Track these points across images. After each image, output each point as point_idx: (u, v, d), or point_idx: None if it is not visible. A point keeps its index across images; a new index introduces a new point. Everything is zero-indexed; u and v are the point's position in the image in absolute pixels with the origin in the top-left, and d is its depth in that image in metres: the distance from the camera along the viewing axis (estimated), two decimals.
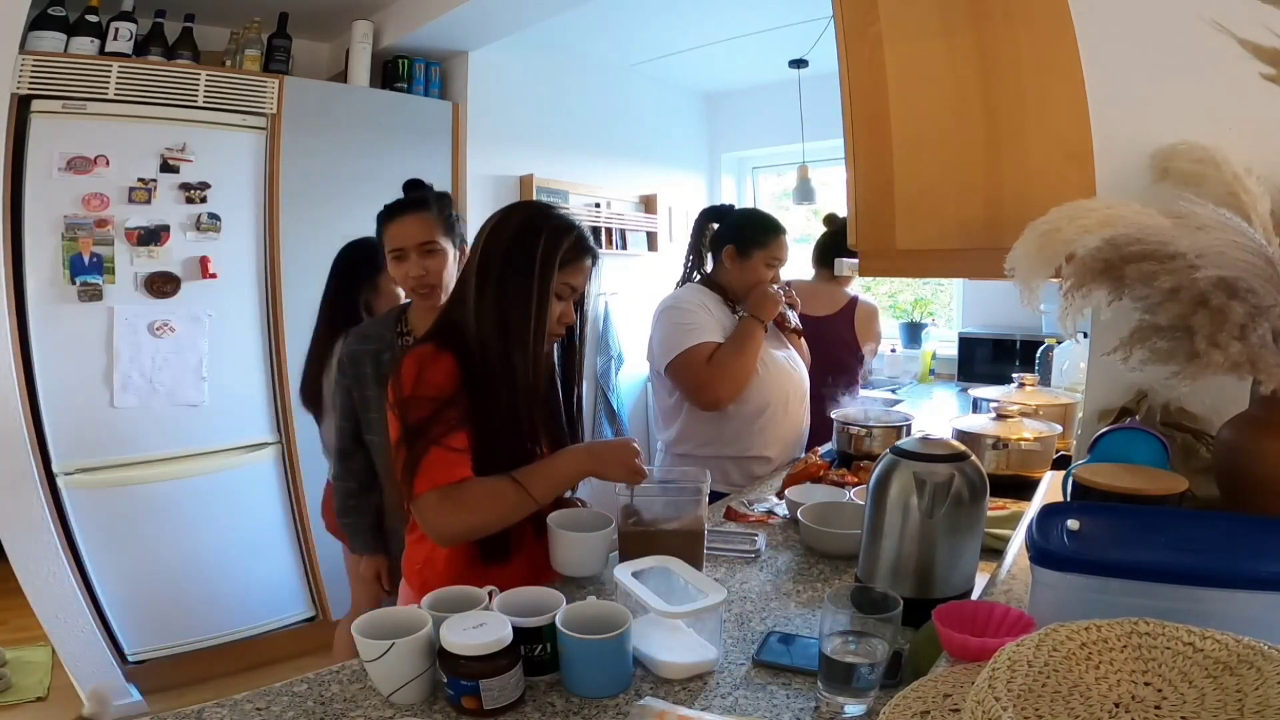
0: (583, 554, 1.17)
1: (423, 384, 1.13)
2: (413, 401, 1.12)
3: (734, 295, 1.97)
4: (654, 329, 1.93)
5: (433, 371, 1.14)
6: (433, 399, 1.12)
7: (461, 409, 1.13)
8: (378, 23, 2.90)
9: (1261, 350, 0.70)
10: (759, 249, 1.93)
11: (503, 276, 1.19)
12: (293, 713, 0.86)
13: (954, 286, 3.90)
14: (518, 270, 1.18)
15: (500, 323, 1.17)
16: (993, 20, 1.12)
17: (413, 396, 1.12)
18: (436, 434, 1.10)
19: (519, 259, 1.18)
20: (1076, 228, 0.84)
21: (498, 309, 1.18)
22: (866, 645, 0.83)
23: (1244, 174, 0.84)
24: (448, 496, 1.10)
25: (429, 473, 1.09)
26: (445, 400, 1.12)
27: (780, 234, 1.96)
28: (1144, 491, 0.84)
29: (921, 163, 1.22)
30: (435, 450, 1.10)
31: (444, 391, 1.13)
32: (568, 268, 1.21)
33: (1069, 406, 1.88)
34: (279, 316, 2.65)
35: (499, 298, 1.18)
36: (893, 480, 1.04)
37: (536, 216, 1.23)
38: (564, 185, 3.49)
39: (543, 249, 1.18)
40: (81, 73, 2.24)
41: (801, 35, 3.22)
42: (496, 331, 1.17)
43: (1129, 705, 0.46)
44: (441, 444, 1.10)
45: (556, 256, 1.19)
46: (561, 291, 1.21)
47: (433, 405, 1.12)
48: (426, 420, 1.11)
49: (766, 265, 1.93)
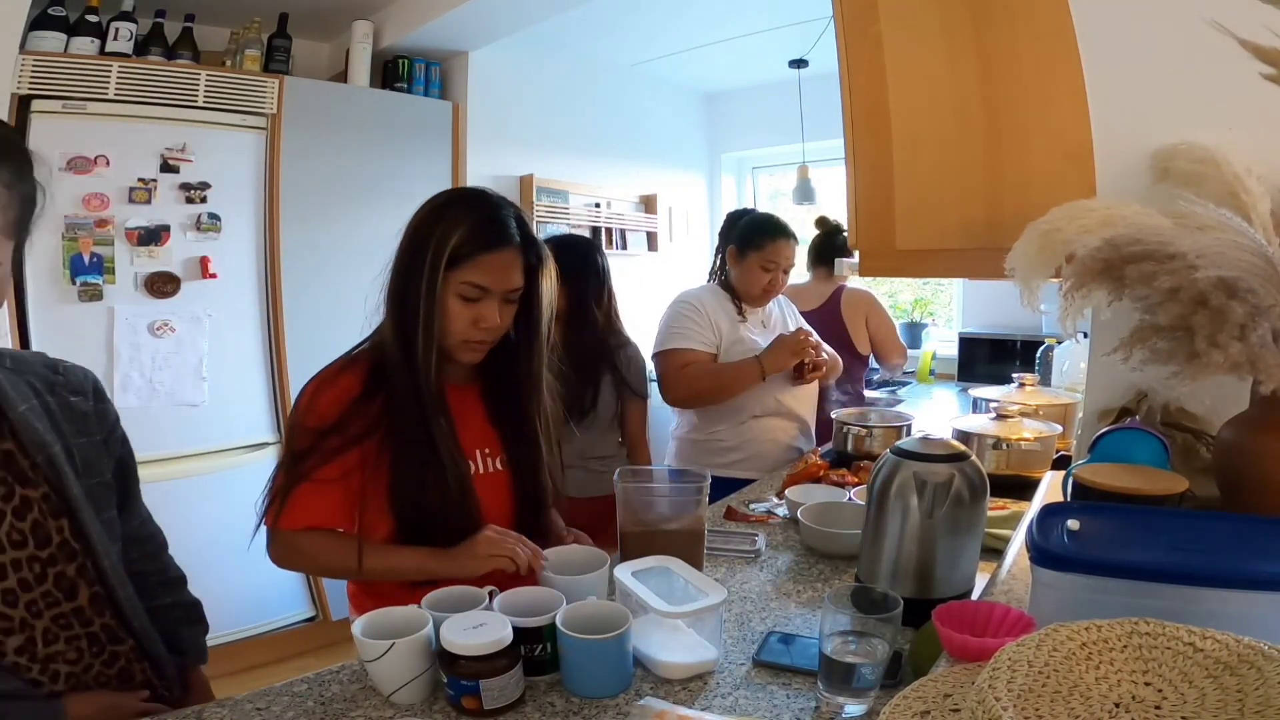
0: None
1: (311, 412, 1.09)
2: (298, 430, 1.09)
3: (741, 296, 2.01)
4: (662, 317, 2.01)
5: (325, 396, 1.09)
6: (314, 429, 1.07)
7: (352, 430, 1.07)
8: (378, 23, 2.90)
9: (1261, 350, 0.70)
10: (754, 250, 1.96)
11: (396, 274, 1.11)
12: (293, 713, 0.86)
13: (954, 286, 3.90)
14: (409, 270, 1.09)
15: (397, 330, 1.10)
16: (993, 20, 1.12)
17: (298, 425, 1.09)
18: (308, 468, 1.06)
19: (411, 257, 1.09)
20: (1076, 228, 0.84)
21: (394, 311, 1.10)
22: (866, 645, 0.83)
23: (1244, 174, 0.84)
24: (293, 539, 1.09)
25: (292, 510, 1.07)
26: (327, 430, 1.07)
27: (776, 237, 1.96)
28: (1144, 491, 0.84)
29: (921, 163, 1.22)
30: (304, 485, 1.06)
31: (326, 420, 1.07)
32: (463, 265, 1.07)
33: (1069, 406, 1.88)
34: (279, 316, 2.65)
35: (393, 298, 1.11)
36: (893, 480, 1.04)
37: (443, 206, 1.12)
38: (564, 185, 3.49)
39: (434, 245, 1.07)
40: (82, 73, 2.24)
41: (801, 35, 3.22)
42: (395, 335, 1.10)
43: (1129, 705, 0.46)
44: (312, 478, 1.06)
45: (444, 254, 1.06)
46: (464, 292, 1.08)
47: (312, 437, 1.07)
48: (304, 453, 1.07)
49: (762, 268, 1.96)
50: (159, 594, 1.02)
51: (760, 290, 1.98)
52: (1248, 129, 0.91)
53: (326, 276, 2.74)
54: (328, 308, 2.72)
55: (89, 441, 0.91)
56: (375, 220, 2.86)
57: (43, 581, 0.83)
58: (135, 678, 0.92)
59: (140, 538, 1.04)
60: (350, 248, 2.80)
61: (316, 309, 2.71)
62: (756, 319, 2.04)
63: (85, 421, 0.91)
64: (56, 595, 0.84)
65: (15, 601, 0.81)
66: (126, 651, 0.91)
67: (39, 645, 0.83)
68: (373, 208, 2.87)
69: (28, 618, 0.82)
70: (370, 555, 1.08)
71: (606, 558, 1.09)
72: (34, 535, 0.83)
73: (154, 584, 1.03)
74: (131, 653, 0.92)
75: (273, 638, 2.67)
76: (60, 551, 0.85)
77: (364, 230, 2.83)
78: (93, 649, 0.88)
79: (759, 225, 2.01)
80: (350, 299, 3.25)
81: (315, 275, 2.72)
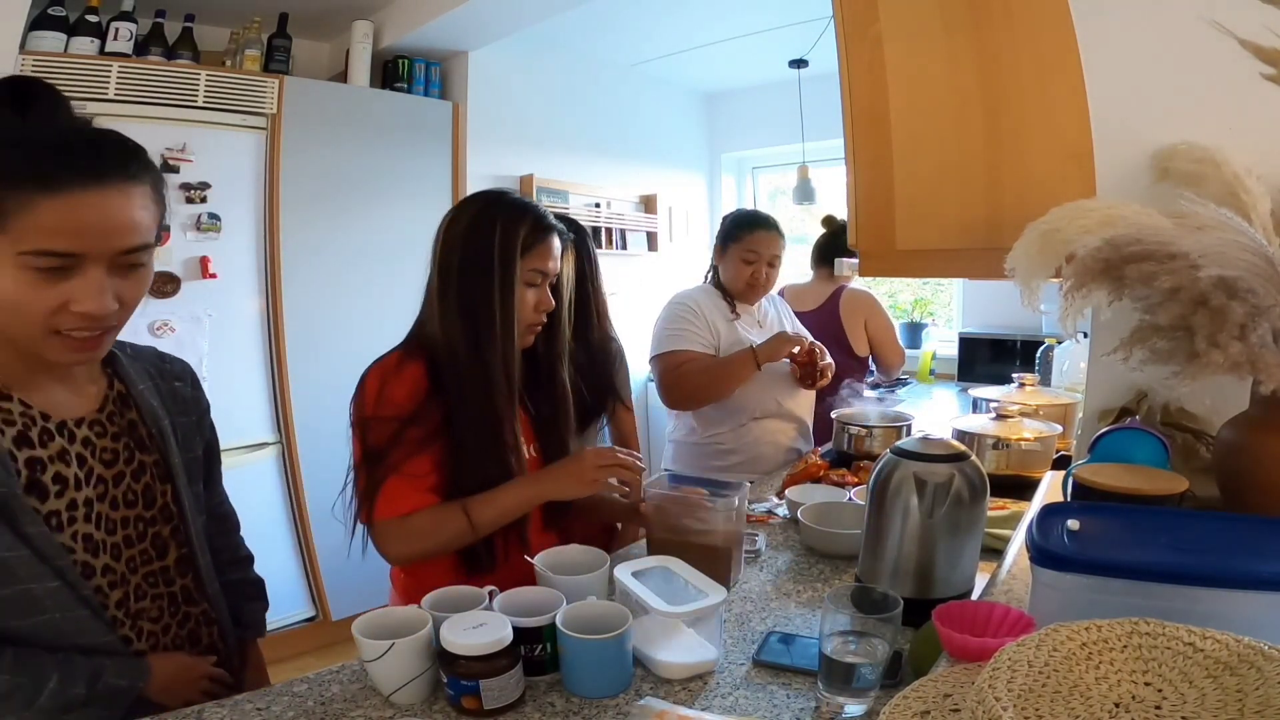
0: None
1: (384, 402, 1.10)
2: (374, 422, 1.10)
3: (730, 291, 2.00)
4: (657, 319, 1.99)
5: (395, 387, 1.11)
6: (393, 419, 1.09)
7: (429, 423, 1.10)
8: (378, 23, 2.90)
9: (1261, 350, 0.70)
10: (734, 243, 1.95)
11: (463, 277, 1.14)
12: (293, 713, 0.86)
13: (954, 286, 3.90)
14: (477, 268, 1.13)
15: (468, 326, 1.13)
16: (993, 20, 1.12)
17: (374, 417, 1.10)
18: (396, 460, 1.09)
19: (476, 256, 1.14)
20: (1076, 228, 0.84)
21: (462, 312, 1.13)
22: (866, 645, 0.83)
23: (1244, 174, 0.84)
24: (401, 525, 1.10)
25: (386, 501, 1.09)
26: (406, 419, 1.09)
27: (754, 228, 1.95)
28: (1144, 491, 0.84)
29: (921, 163, 1.22)
30: (393, 479, 1.09)
31: (404, 410, 1.10)
32: (530, 253, 1.16)
33: (1069, 406, 1.88)
34: (279, 316, 2.65)
35: (462, 300, 1.14)
36: (893, 480, 1.04)
37: (490, 206, 1.17)
38: (564, 185, 3.49)
39: (499, 241, 1.13)
40: (81, 73, 2.24)
41: (801, 35, 3.22)
42: (465, 336, 1.13)
43: (1129, 705, 0.46)
44: (400, 471, 1.09)
45: (516, 245, 1.14)
46: (531, 279, 1.17)
47: (393, 427, 1.09)
48: (386, 444, 1.09)
49: (743, 260, 1.94)
50: (228, 569, 1.09)
51: (745, 284, 1.95)
52: (1248, 129, 0.91)
53: (326, 276, 2.74)
54: (328, 308, 2.73)
55: (187, 421, 1.01)
56: (375, 220, 2.87)
57: (142, 540, 0.92)
58: (201, 640, 0.99)
59: (218, 515, 1.12)
60: (350, 248, 2.80)
61: (316, 309, 2.71)
62: (752, 318, 2.02)
63: (184, 404, 1.02)
64: (150, 554, 0.93)
65: (119, 556, 0.89)
66: (198, 614, 0.98)
67: (131, 601, 0.89)
68: (373, 208, 2.87)
69: (126, 573, 0.89)
70: (475, 509, 1.11)
71: (606, 558, 1.09)
72: (144, 496, 0.92)
73: (225, 559, 1.09)
74: (202, 616, 0.99)
75: (273, 637, 2.65)
76: (161, 514, 0.94)
77: (364, 230, 2.84)
78: (171, 608, 0.95)
79: (737, 219, 2.02)
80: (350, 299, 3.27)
81: (315, 275, 2.72)
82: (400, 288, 2.98)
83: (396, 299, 2.96)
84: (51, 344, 0.77)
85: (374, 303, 2.82)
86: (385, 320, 2.99)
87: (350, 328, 2.76)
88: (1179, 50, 0.99)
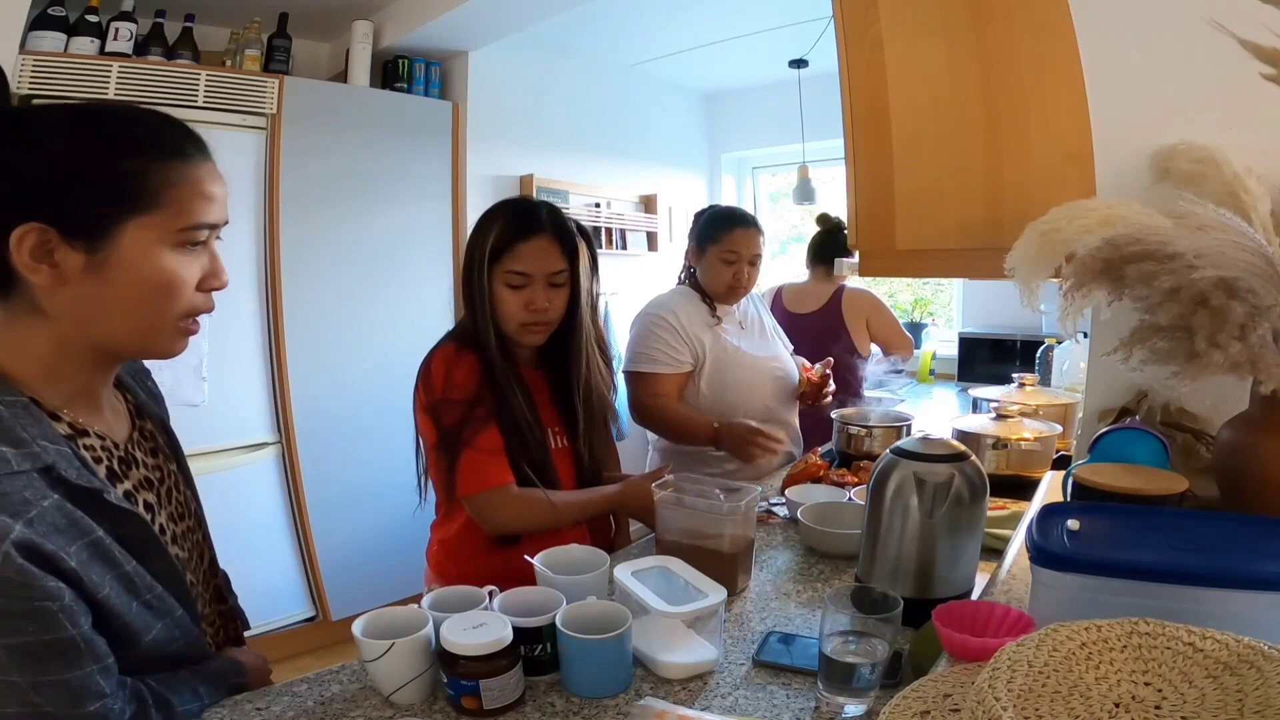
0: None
1: (451, 385, 1.19)
2: (445, 404, 1.19)
3: (709, 293, 1.93)
4: (630, 329, 1.93)
5: (458, 371, 1.20)
6: (461, 401, 1.18)
7: (488, 404, 1.20)
8: (378, 23, 2.90)
9: (1261, 350, 0.70)
10: (712, 244, 1.88)
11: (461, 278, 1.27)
12: (292, 713, 0.86)
13: (954, 286, 3.90)
14: (468, 270, 1.25)
15: (470, 322, 1.25)
16: (993, 20, 1.12)
17: (444, 400, 1.19)
18: (468, 436, 1.18)
19: (468, 260, 1.25)
20: (1076, 228, 0.84)
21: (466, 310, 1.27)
22: (866, 645, 0.83)
23: (1244, 174, 0.84)
24: (487, 500, 1.21)
25: (468, 475, 1.18)
26: (472, 401, 1.19)
27: (733, 227, 1.86)
28: (1144, 491, 0.84)
29: (921, 163, 1.22)
30: (468, 453, 1.18)
31: (469, 392, 1.19)
32: (505, 255, 1.22)
33: (1069, 406, 1.88)
34: (279, 316, 2.65)
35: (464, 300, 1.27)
36: (892, 480, 1.04)
37: (484, 215, 1.27)
38: (564, 185, 3.49)
39: (471, 245, 1.24)
40: (81, 73, 2.24)
41: (801, 35, 3.22)
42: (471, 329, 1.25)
43: (1129, 705, 0.46)
44: (474, 446, 1.18)
45: (485, 249, 1.22)
46: (510, 280, 1.22)
47: (462, 408, 1.18)
48: (459, 423, 1.18)
49: (723, 261, 1.86)
50: None
51: (726, 286, 1.87)
52: (1248, 129, 0.91)
53: (326, 276, 2.74)
54: (328, 308, 2.73)
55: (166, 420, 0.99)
56: (376, 220, 2.87)
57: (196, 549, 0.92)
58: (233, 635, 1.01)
59: None
60: (350, 247, 2.80)
61: (316, 309, 2.70)
62: (732, 320, 1.95)
63: (161, 403, 1.00)
64: (198, 561, 0.93)
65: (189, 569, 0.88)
66: (227, 611, 1.00)
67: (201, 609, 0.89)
68: (373, 208, 2.87)
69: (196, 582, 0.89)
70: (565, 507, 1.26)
71: (607, 558, 1.09)
72: (186, 507, 0.92)
73: None
74: (229, 612, 1.01)
75: (273, 637, 2.67)
76: (195, 521, 0.94)
77: (364, 230, 2.84)
78: (217, 608, 0.97)
79: (715, 217, 1.93)
80: (350, 298, 3.27)
81: (315, 275, 2.72)
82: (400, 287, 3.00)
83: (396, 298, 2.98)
84: (181, 329, 0.77)
85: (374, 302, 2.82)
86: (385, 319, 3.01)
87: (350, 327, 2.76)
88: (1179, 50, 0.99)
